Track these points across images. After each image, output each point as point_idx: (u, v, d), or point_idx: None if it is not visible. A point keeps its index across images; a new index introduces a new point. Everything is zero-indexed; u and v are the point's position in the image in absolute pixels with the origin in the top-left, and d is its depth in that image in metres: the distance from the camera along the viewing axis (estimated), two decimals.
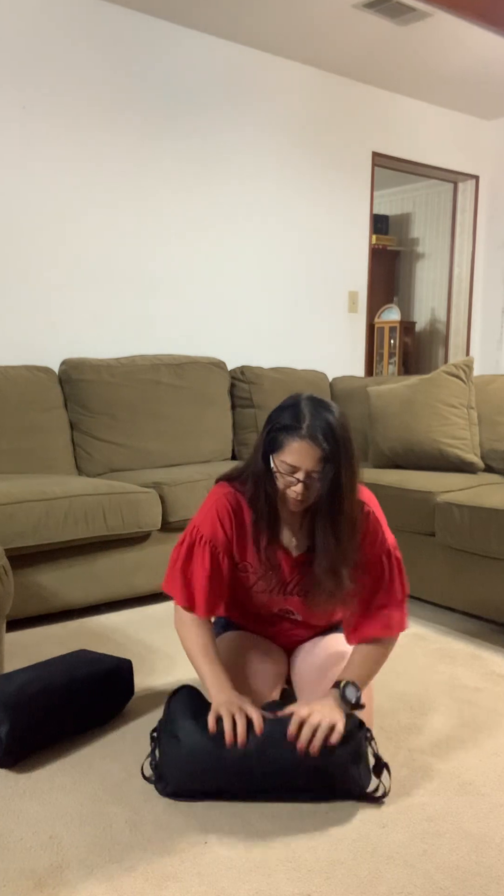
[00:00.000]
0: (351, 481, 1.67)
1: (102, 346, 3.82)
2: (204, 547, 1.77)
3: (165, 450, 3.58)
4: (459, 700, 2.16)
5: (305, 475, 1.64)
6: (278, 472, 1.67)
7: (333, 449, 1.62)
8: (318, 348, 4.67)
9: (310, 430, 1.61)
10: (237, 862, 1.44)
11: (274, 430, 1.67)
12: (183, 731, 1.61)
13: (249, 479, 1.76)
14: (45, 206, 3.60)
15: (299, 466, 1.63)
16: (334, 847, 1.49)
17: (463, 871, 1.42)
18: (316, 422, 1.62)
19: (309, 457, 1.62)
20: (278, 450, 1.66)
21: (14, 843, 1.49)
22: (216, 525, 1.77)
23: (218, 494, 1.81)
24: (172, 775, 1.63)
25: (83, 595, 2.83)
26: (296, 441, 1.62)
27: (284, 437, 1.64)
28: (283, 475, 1.66)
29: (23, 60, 3.48)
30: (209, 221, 4.14)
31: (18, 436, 3.21)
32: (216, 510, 1.78)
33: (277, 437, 1.65)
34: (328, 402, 1.69)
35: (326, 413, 1.64)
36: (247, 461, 1.81)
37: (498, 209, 5.35)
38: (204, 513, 1.80)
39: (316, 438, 1.61)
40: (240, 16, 3.81)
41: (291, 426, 1.63)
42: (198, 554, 1.77)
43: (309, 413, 1.63)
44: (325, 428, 1.62)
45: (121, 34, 3.73)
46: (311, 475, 1.64)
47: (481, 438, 3.36)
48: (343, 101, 4.59)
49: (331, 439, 1.62)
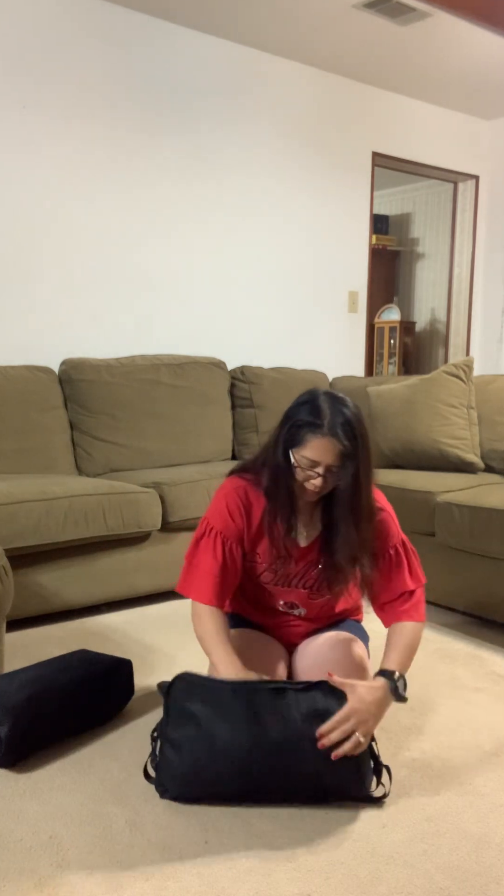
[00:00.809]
0: (368, 474, 1.75)
1: (102, 346, 3.82)
2: (215, 538, 1.81)
3: (165, 450, 3.58)
4: (459, 700, 2.16)
5: (325, 469, 1.71)
6: (298, 467, 1.73)
7: (353, 444, 1.69)
8: (318, 348, 4.67)
9: (331, 427, 1.68)
10: (237, 862, 1.44)
11: (294, 426, 1.73)
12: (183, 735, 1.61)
13: (266, 472, 1.81)
14: (45, 206, 3.60)
15: (320, 461, 1.70)
16: (334, 847, 1.49)
17: (463, 871, 1.42)
18: (336, 418, 1.69)
19: (330, 452, 1.69)
20: (298, 445, 1.72)
21: (14, 843, 1.49)
22: (226, 516, 1.82)
23: (228, 488, 1.86)
24: (172, 783, 1.63)
25: (83, 595, 2.83)
26: (317, 437, 1.69)
27: (305, 433, 1.70)
28: (304, 469, 1.72)
29: (23, 60, 3.48)
30: (209, 221, 4.14)
31: (18, 436, 3.21)
32: (226, 503, 1.83)
33: (298, 433, 1.72)
34: (344, 396, 1.75)
35: (344, 409, 1.71)
36: (259, 455, 1.87)
37: (498, 209, 5.35)
38: (214, 506, 1.85)
39: (337, 435, 1.68)
40: (240, 16, 3.81)
41: (312, 423, 1.70)
42: (207, 545, 1.82)
43: (329, 409, 1.70)
44: (344, 424, 1.69)
45: (121, 34, 3.73)
46: (331, 469, 1.71)
47: (481, 438, 3.36)
48: (343, 101, 4.59)
49: (350, 435, 1.69)
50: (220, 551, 1.80)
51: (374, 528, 1.80)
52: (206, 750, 1.59)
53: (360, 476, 1.72)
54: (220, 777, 1.59)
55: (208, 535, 1.82)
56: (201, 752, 1.59)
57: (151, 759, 1.70)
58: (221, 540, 1.81)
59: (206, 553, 1.81)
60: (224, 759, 1.58)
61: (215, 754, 1.58)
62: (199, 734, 1.59)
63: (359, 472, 1.71)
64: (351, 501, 1.73)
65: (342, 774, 1.60)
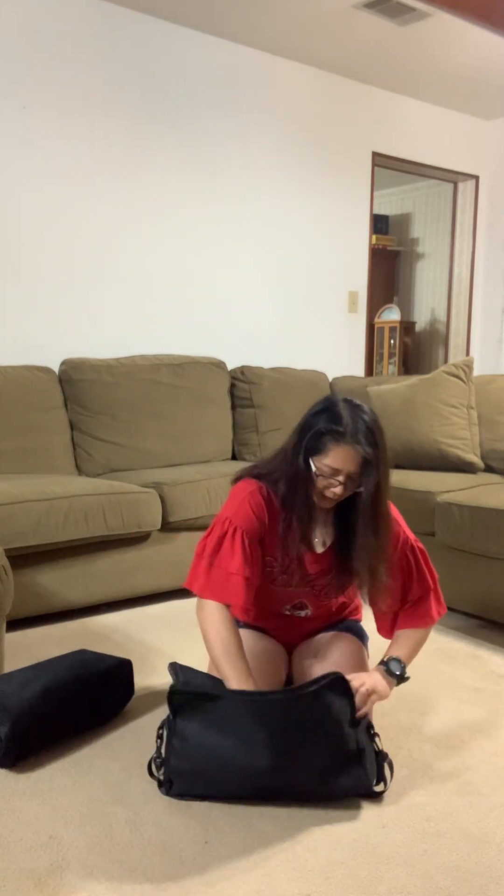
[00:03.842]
0: (387, 481, 1.75)
1: (102, 346, 3.82)
2: (241, 537, 1.76)
3: (165, 450, 3.58)
4: (459, 700, 2.16)
5: (346, 477, 1.71)
6: (320, 475, 1.72)
7: (374, 452, 1.69)
8: (318, 348, 4.67)
9: (353, 435, 1.68)
10: (237, 862, 1.44)
11: (316, 434, 1.71)
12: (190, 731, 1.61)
13: (283, 478, 1.78)
14: (44, 206, 3.60)
15: (342, 469, 1.70)
16: (334, 847, 1.49)
17: (463, 871, 1.42)
18: (357, 425, 1.69)
19: (352, 460, 1.69)
20: (319, 453, 1.71)
21: (14, 843, 1.49)
22: (250, 515, 1.78)
23: (248, 489, 1.82)
24: (179, 780, 1.62)
25: (83, 595, 2.83)
26: (339, 446, 1.68)
27: (327, 440, 1.69)
28: (325, 477, 1.72)
29: (23, 60, 3.48)
30: (209, 221, 4.14)
31: (19, 436, 3.21)
32: (249, 502, 1.79)
33: (319, 441, 1.70)
34: (361, 403, 1.75)
35: (364, 415, 1.71)
36: (273, 461, 1.83)
37: (498, 209, 5.35)
38: (236, 505, 1.80)
39: (359, 442, 1.68)
40: (240, 16, 3.81)
41: (333, 430, 1.69)
42: (233, 545, 1.75)
43: (349, 417, 1.69)
44: (365, 432, 1.69)
45: (121, 34, 3.73)
46: (352, 476, 1.71)
47: (481, 438, 3.36)
48: (343, 101, 4.59)
49: (372, 442, 1.69)
50: (248, 550, 1.75)
51: (391, 534, 1.79)
52: (214, 746, 1.59)
53: (381, 483, 1.72)
54: (226, 775, 1.59)
55: (232, 534, 1.76)
56: (210, 748, 1.59)
57: (156, 755, 1.70)
58: (248, 539, 1.76)
59: (231, 553, 1.75)
60: (232, 755, 1.58)
61: (223, 751, 1.59)
62: (207, 730, 1.60)
63: (380, 479, 1.71)
64: (371, 509, 1.73)
65: (349, 769, 1.60)
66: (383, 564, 1.77)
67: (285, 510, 1.78)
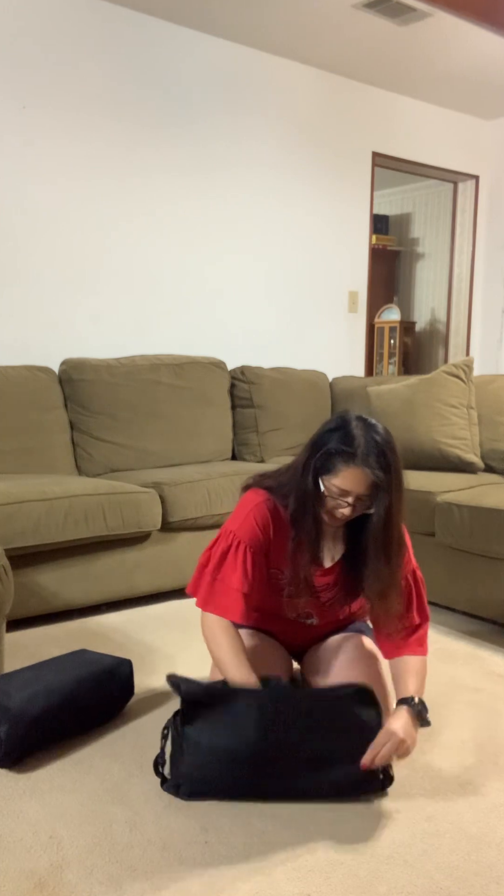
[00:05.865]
0: (400, 505, 1.68)
1: (102, 346, 3.82)
2: (244, 552, 1.75)
3: (165, 450, 3.58)
4: (460, 700, 2.16)
5: (355, 499, 1.66)
6: (328, 496, 1.68)
7: (386, 476, 1.63)
8: (318, 348, 4.67)
9: (364, 457, 1.62)
10: (237, 862, 1.44)
11: (326, 453, 1.67)
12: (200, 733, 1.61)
13: (293, 495, 1.75)
14: (44, 206, 3.60)
15: (351, 491, 1.65)
16: (334, 847, 1.49)
17: (463, 871, 1.42)
18: (369, 447, 1.63)
19: (361, 483, 1.64)
20: (329, 473, 1.66)
21: (14, 843, 1.49)
22: (254, 529, 1.76)
23: (255, 501, 1.79)
24: (186, 780, 1.62)
25: (83, 595, 2.83)
26: (349, 467, 1.63)
27: (337, 461, 1.65)
28: (334, 497, 1.68)
29: (23, 60, 3.48)
30: (209, 221, 4.14)
31: (18, 436, 3.21)
32: (254, 516, 1.77)
33: (329, 461, 1.66)
34: (376, 423, 1.69)
35: (377, 436, 1.65)
36: (285, 474, 1.80)
37: (498, 209, 5.35)
38: (241, 518, 1.78)
39: (370, 465, 1.62)
40: (240, 16, 3.81)
41: (344, 451, 1.64)
42: (235, 560, 1.75)
43: (362, 437, 1.64)
44: (378, 454, 1.63)
45: (121, 34, 3.73)
46: (361, 498, 1.66)
47: (481, 438, 3.36)
48: (343, 101, 4.59)
49: (384, 466, 1.63)
50: (250, 566, 1.74)
51: (403, 560, 1.74)
52: (225, 749, 1.59)
53: (393, 508, 1.66)
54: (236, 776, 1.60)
55: (236, 548, 1.75)
56: (220, 753, 1.59)
57: (160, 755, 1.70)
58: (251, 554, 1.75)
59: (233, 568, 1.74)
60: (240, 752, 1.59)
61: (231, 752, 1.59)
62: (218, 735, 1.60)
63: (391, 504, 1.65)
64: (383, 533, 1.68)
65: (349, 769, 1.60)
66: (395, 590, 1.72)
67: (294, 528, 1.75)
